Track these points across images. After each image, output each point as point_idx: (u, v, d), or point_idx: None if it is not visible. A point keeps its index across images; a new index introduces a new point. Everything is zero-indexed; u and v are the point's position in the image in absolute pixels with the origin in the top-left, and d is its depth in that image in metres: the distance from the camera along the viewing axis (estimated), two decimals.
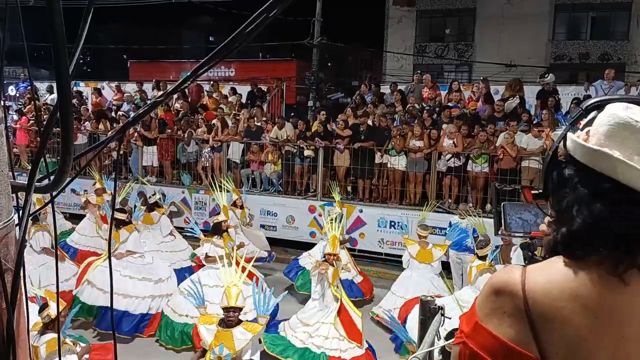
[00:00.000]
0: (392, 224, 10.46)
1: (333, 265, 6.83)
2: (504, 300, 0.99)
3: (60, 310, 4.86)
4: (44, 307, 5.01)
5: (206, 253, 7.63)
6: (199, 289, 5.60)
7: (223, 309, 5.09)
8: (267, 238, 11.08)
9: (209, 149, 12.02)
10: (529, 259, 1.33)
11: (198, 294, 5.55)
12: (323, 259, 7.04)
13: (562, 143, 1.06)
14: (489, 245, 7.30)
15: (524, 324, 0.96)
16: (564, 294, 0.96)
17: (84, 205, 10.16)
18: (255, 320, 5.39)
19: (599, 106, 1.03)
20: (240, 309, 5.13)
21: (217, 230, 7.94)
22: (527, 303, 0.96)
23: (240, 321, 5.09)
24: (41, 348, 4.83)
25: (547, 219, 1.17)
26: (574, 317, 0.94)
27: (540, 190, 1.10)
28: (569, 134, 1.03)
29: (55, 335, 4.92)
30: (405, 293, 7.95)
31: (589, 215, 0.96)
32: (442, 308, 3.29)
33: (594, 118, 1.02)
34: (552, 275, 0.98)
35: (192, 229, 8.32)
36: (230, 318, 4.99)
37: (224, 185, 10.01)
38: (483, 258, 7.15)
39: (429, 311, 3.28)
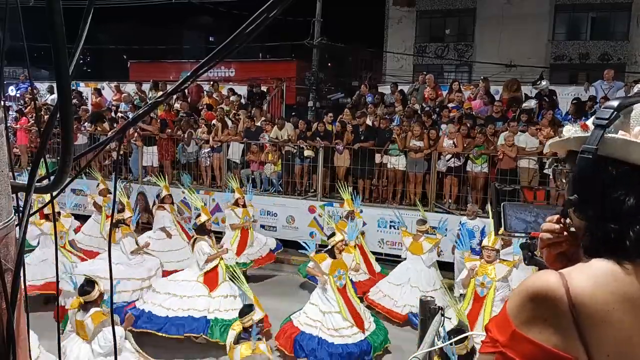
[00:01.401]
0: (392, 224, 10.46)
1: (340, 253, 7.03)
2: (546, 307, 0.96)
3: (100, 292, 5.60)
4: (92, 284, 5.63)
5: (208, 254, 7.52)
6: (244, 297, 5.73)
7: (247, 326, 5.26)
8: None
9: (209, 149, 12.02)
10: (529, 259, 1.33)
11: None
12: (323, 250, 7.19)
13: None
14: None
15: (570, 329, 0.94)
16: (614, 296, 0.94)
17: (95, 207, 10.30)
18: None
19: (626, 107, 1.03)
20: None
21: (202, 230, 7.83)
22: (574, 308, 0.94)
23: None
24: (87, 321, 5.48)
25: (550, 217, 1.16)
26: (625, 318, 0.93)
27: (576, 195, 1.05)
28: (612, 135, 1.01)
29: (99, 309, 5.56)
30: (394, 280, 8.49)
31: None
32: (442, 308, 3.30)
33: (625, 119, 1.02)
34: (598, 277, 0.97)
35: (188, 227, 8.35)
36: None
37: (230, 184, 10.03)
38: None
39: (429, 311, 3.28)
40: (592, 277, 0.97)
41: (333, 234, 7.42)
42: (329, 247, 7.23)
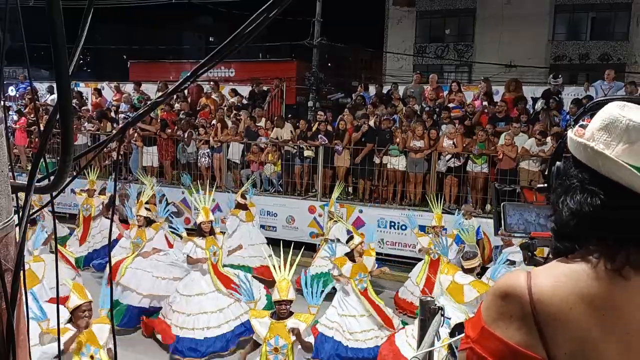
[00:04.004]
0: (392, 224, 10.45)
1: (360, 256, 7.05)
2: (511, 304, 0.99)
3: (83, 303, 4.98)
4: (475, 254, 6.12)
5: (187, 254, 7.38)
6: (249, 285, 5.72)
7: (275, 302, 5.18)
8: (267, 238, 11.09)
9: (208, 150, 12.00)
10: (529, 259, 1.33)
11: (248, 290, 5.71)
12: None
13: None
14: (476, 257, 6.20)
15: (531, 327, 0.97)
16: (571, 295, 0.96)
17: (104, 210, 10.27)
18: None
19: (603, 105, 1.05)
20: (291, 301, 5.21)
21: (197, 231, 7.71)
22: (534, 306, 0.96)
23: (291, 313, 5.20)
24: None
25: None
26: (581, 317, 0.95)
27: (545, 185, 1.13)
28: (569, 130, 1.06)
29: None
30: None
31: (573, 206, 0.99)
32: (442, 308, 3.29)
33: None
34: (557, 276, 0.99)
35: (176, 226, 8.27)
36: (282, 310, 5.11)
37: (245, 186, 10.07)
38: (470, 271, 6.05)
39: (429, 311, 3.28)
40: (554, 276, 0.99)
41: (352, 237, 7.32)
42: (349, 250, 7.18)
